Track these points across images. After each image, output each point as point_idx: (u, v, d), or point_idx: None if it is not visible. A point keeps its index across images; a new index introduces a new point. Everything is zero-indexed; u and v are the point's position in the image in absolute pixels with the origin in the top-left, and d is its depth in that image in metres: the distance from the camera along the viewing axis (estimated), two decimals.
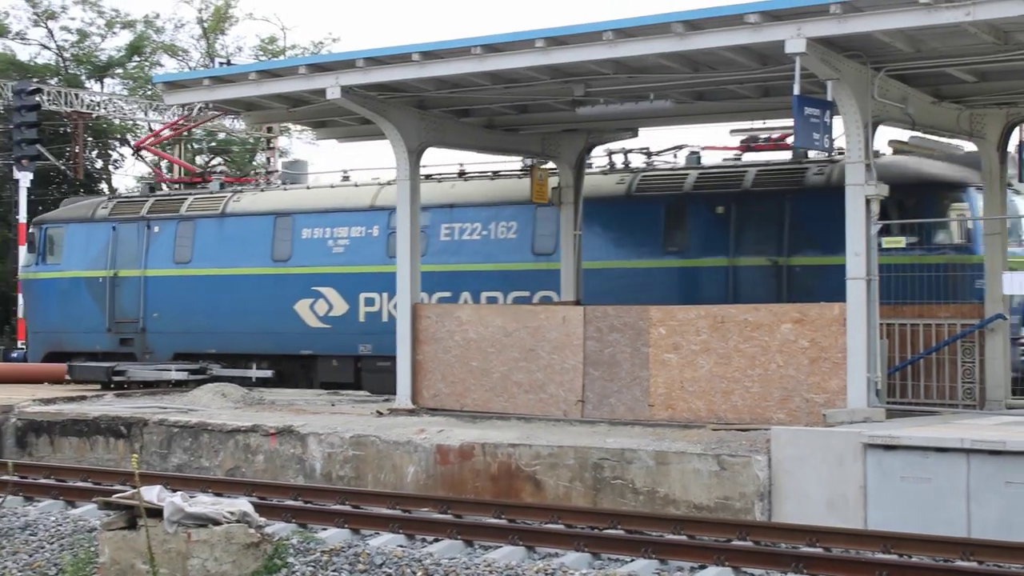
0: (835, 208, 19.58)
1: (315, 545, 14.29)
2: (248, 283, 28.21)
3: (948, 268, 20.92)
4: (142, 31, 60.22)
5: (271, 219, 28.23)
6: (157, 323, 29.28)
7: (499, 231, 25.69)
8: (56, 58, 60.64)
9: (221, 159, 61.18)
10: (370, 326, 26.70)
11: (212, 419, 20.69)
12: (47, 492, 18.04)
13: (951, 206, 22.39)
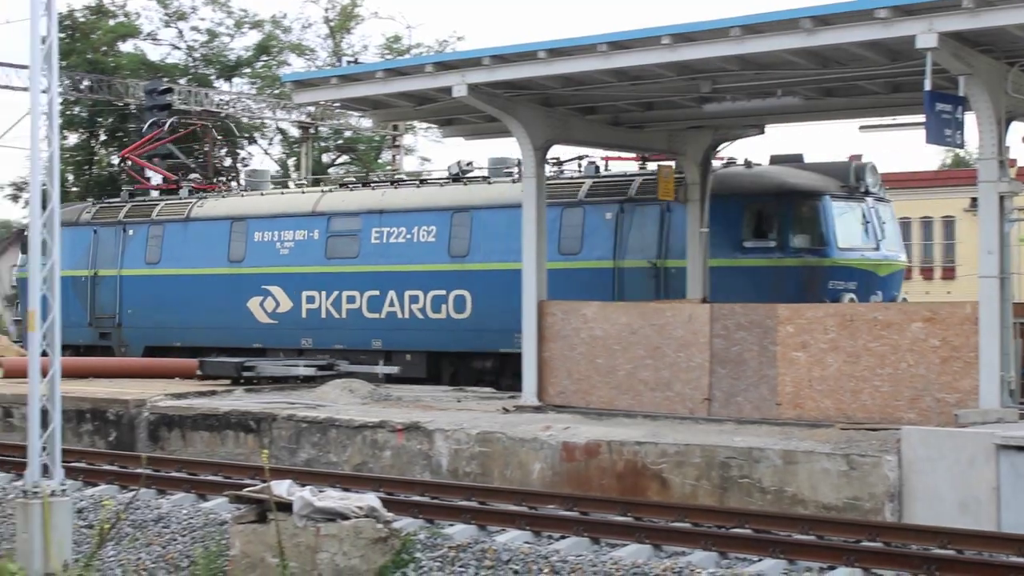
0: (712, 215, 23.63)
1: (442, 541, 14.38)
2: (208, 282, 30.41)
3: (803, 271, 23.36)
4: (270, 31, 60.98)
5: (228, 223, 30.49)
6: (131, 319, 31.72)
7: (421, 235, 27.56)
8: (186, 58, 61.61)
9: (348, 157, 61.77)
10: (311, 322, 28.86)
11: (340, 415, 20.87)
12: (179, 485, 18.34)
13: (807, 212, 23.89)
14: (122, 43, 61.45)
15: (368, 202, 28.78)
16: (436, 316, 27.06)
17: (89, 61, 57.40)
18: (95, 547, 13.38)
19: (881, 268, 24.37)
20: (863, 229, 24.46)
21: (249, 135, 62.07)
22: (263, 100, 55.55)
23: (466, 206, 27.19)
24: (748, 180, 24.77)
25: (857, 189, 24.49)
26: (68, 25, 57.41)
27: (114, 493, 18.15)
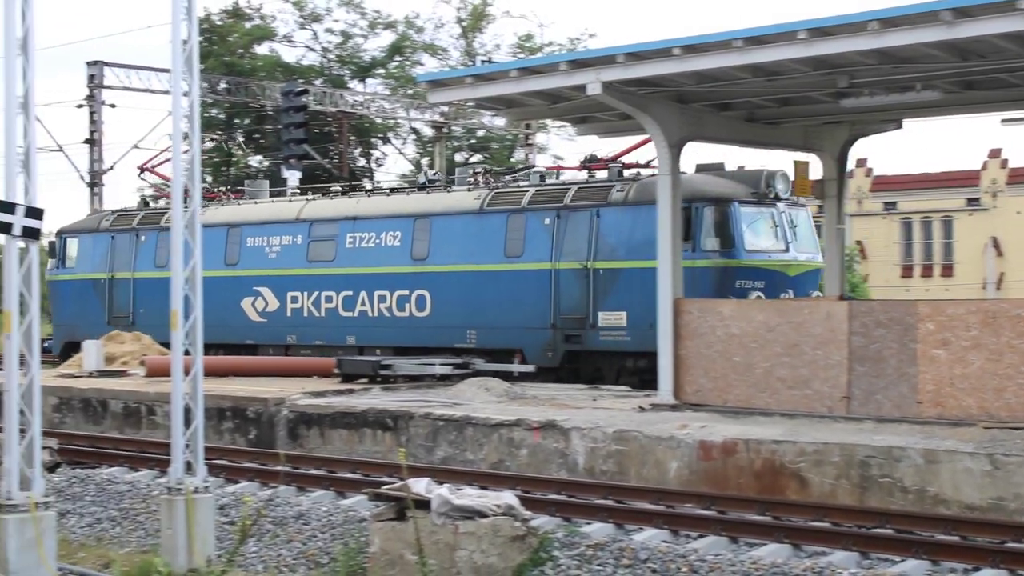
0: (632, 220, 25.96)
1: (580, 539, 14.37)
2: (207, 283, 29.40)
3: (713, 271, 25.59)
4: (403, 31, 61.44)
5: (225, 230, 33.01)
6: (143, 317, 33.92)
7: (387, 240, 30.00)
8: (321, 59, 62.27)
9: (481, 156, 61.99)
10: (295, 320, 31.48)
11: (476, 413, 20.95)
12: (318, 483, 18.56)
13: (717, 217, 25.97)
14: (258, 46, 62.35)
15: (344, 209, 31.33)
16: (401, 314, 29.58)
17: (226, 64, 58.30)
18: (237, 543, 13.55)
19: (791, 268, 26.39)
20: (772, 232, 26.49)
21: (383, 135, 62.54)
22: (397, 100, 55.96)
23: (426, 213, 29.54)
24: None
25: (767, 195, 26.39)
26: (206, 29, 58.33)
27: (255, 490, 18.41)
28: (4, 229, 12.53)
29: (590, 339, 26.57)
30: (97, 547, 16.44)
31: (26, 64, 12.72)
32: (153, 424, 24.61)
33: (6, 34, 12.59)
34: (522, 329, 27.43)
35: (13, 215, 12.54)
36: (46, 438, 13.33)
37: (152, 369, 27.27)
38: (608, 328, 26.18)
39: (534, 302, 27.19)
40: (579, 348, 26.91)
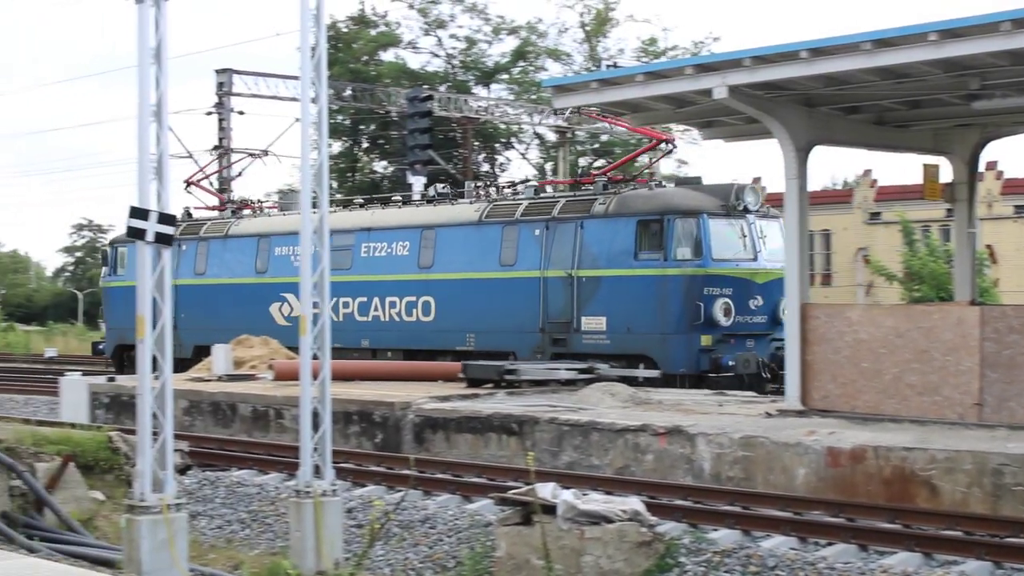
0: (611, 231, 27.97)
1: (706, 545, 14.30)
2: (240, 290, 35.57)
3: (683, 279, 27.18)
4: (526, 36, 61.54)
5: (256, 240, 35.47)
6: (184, 322, 35.33)
7: (398, 249, 32.04)
8: (445, 65, 62.59)
9: (605, 161, 61.90)
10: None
11: (601, 418, 20.90)
12: (444, 487, 18.64)
13: (687, 228, 27.56)
14: (383, 52, 62.85)
15: (360, 221, 33.47)
16: (409, 319, 31.65)
17: (351, 70, 58.84)
18: (366, 546, 13.65)
19: (758, 276, 27.85)
20: (741, 242, 27.95)
21: (506, 140, 62.72)
22: (520, 105, 56.07)
23: (432, 224, 31.52)
24: (641, 201, 28.28)
25: (736, 208, 27.88)
26: (332, 36, 58.85)
27: (382, 493, 18.55)
28: (137, 235, 12.74)
29: (574, 342, 28.33)
30: (227, 549, 16.67)
31: (159, 73, 12.92)
32: (281, 427, 24.87)
33: (140, 44, 12.80)
34: (515, 333, 29.20)
35: (146, 221, 12.75)
36: (177, 441, 13.51)
37: (280, 373, 27.56)
38: (590, 332, 28.08)
39: (525, 308, 29.01)
40: (564, 351, 28.44)
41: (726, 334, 27.20)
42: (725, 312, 27.09)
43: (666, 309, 27.14)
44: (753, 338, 27.56)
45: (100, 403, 28.95)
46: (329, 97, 43.32)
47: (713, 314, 26.93)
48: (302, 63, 14.31)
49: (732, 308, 27.18)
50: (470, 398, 24.13)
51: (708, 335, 26.99)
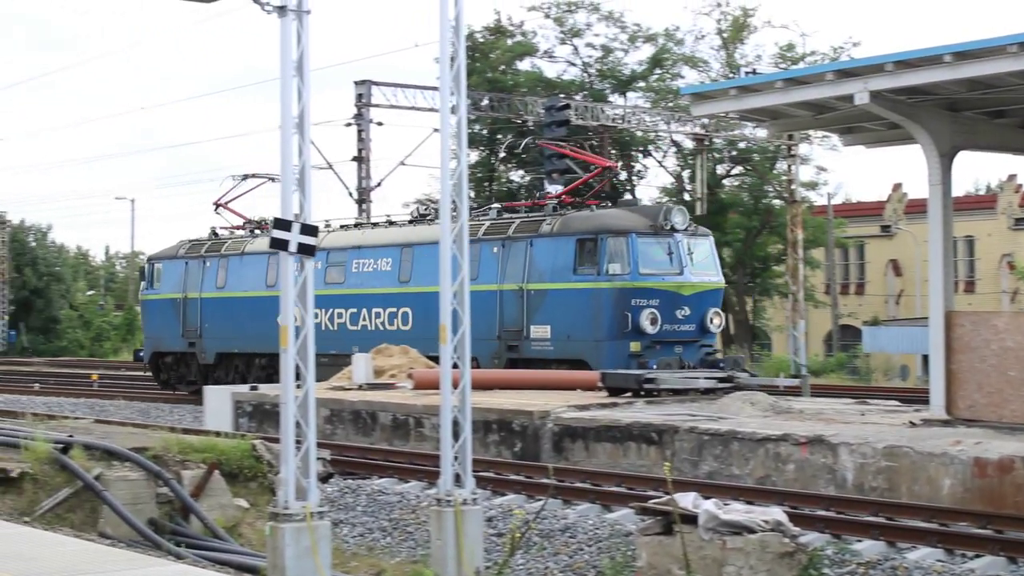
0: (555, 249, 31.17)
1: (850, 557, 14.13)
2: (254, 302, 38.52)
3: (613, 291, 30.04)
4: (663, 44, 61.20)
5: (266, 256, 37.88)
6: (207, 331, 40.25)
7: (381, 265, 35.24)
8: (581, 74, 62.51)
9: (742, 168, 61.47)
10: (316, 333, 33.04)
11: (742, 427, 20.73)
12: (584, 496, 18.61)
13: (617, 246, 30.50)
14: (519, 61, 62.87)
15: (352, 239, 36.80)
16: (391, 328, 34.64)
17: (488, 80, 59.00)
18: (507, 555, 13.68)
19: (684, 288, 30.59)
20: (667, 258, 30.76)
21: (643, 148, 62.50)
22: (657, 113, 55.84)
23: (410, 243, 34.69)
24: (580, 222, 31.45)
25: (664, 227, 30.75)
26: (469, 46, 58.79)
27: (522, 502, 18.56)
28: (280, 246, 12.89)
29: (525, 348, 31.41)
30: (369, 556, 16.79)
31: (301, 85, 13.07)
32: (421, 436, 25.01)
33: (282, 56, 12.96)
34: (477, 340, 29.09)
35: (289, 232, 12.90)
36: (319, 449, 13.63)
37: (420, 382, 27.73)
38: (537, 339, 31.15)
39: (486, 318, 31.06)
40: (517, 356, 31.50)
41: (654, 341, 29.81)
42: (652, 321, 29.71)
43: (599, 318, 30.15)
44: (681, 344, 30.22)
45: (243, 411, 29.37)
46: (467, 107, 43.66)
47: (640, 323, 29.54)
48: (441, 73, 14.40)
49: (659, 317, 29.83)
50: (609, 407, 24.08)
51: (636, 342, 29.58)
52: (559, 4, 61.02)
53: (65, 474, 15.15)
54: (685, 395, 25.87)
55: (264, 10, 12.89)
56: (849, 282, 75.89)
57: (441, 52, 14.39)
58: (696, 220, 57.23)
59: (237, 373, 39.64)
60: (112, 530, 14.57)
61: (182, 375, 42.16)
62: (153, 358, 42.94)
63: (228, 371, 40.15)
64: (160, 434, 17.48)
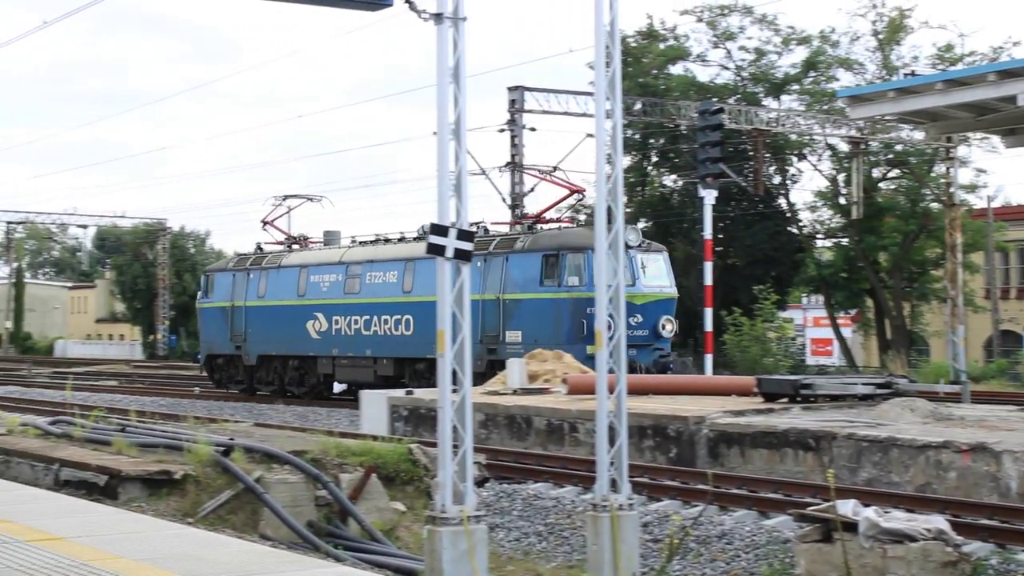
0: (526, 263, 35.57)
1: (1015, 567, 13.86)
2: (287, 310, 43.58)
3: (572, 301, 34.57)
4: (817, 46, 60.51)
5: (298, 269, 43.62)
6: (250, 336, 45.13)
7: (388, 277, 39.76)
8: (734, 77, 62.09)
9: (899, 171, 60.55)
10: (336, 338, 41.53)
11: (901, 434, 20.38)
12: (741, 502, 18.45)
13: (575, 261, 34.87)
14: (672, 66, 62.62)
15: (367, 254, 41.39)
16: (396, 333, 39.22)
17: (640, 85, 58.88)
18: (665, 561, 13.63)
19: (636, 298, 34.24)
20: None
21: (798, 152, 61.88)
22: (811, 116, 55.26)
23: (412, 257, 39.03)
24: (546, 239, 35.91)
25: None
26: (621, 51, 58.87)
27: (677, 508, 18.47)
28: (437, 251, 13.00)
29: (502, 351, 35.37)
30: (524, 561, 16.83)
31: (457, 91, 13.16)
32: (575, 441, 25.01)
33: (439, 63, 13.06)
34: None
35: (446, 237, 12.99)
36: (475, 454, 13.70)
37: (574, 387, 27.73)
38: (511, 343, 35.33)
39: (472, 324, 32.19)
40: (495, 358, 35.37)
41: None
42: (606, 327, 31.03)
43: (560, 325, 34.61)
44: (635, 348, 32.92)
45: (399, 416, 29.63)
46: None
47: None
48: (596, 79, 14.40)
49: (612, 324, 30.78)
50: (765, 413, 23.86)
51: (592, 345, 30.58)
52: (712, 8, 60.70)
53: (226, 476, 15.42)
54: (842, 401, 25.52)
55: (421, 17, 13.00)
56: (1009, 286, 74.30)
57: (596, 57, 14.38)
58: (852, 224, 57.06)
59: (276, 373, 44.87)
60: (272, 532, 14.80)
61: (231, 375, 47.15)
62: (208, 360, 48.11)
63: (268, 371, 45.24)
64: (318, 438, 17.70)
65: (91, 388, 49.80)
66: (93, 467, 15.58)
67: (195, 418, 21.02)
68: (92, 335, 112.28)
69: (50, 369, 70.41)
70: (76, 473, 15.77)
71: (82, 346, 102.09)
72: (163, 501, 14.95)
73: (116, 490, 15.09)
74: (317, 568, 9.18)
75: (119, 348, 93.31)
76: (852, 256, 59.81)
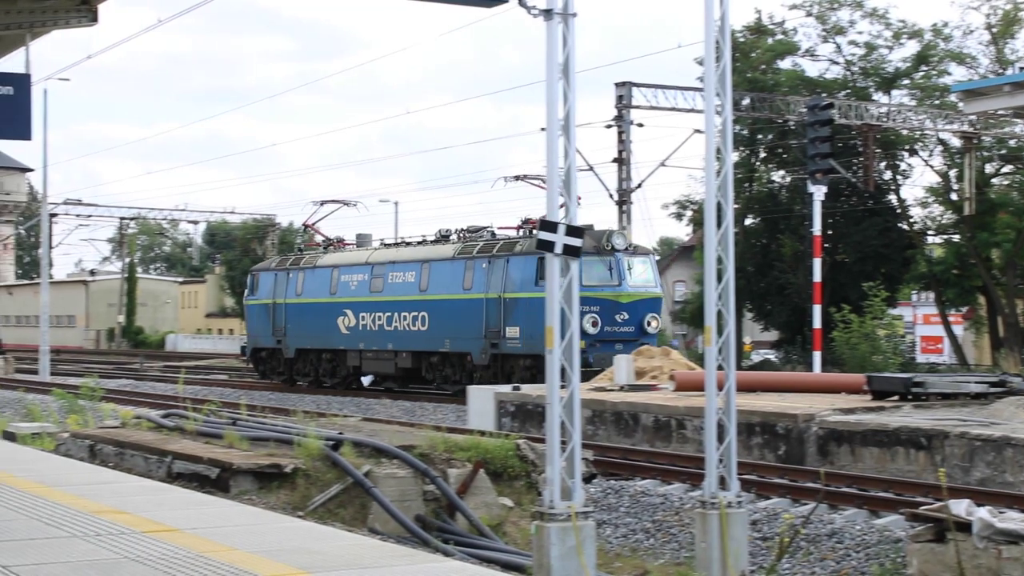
0: (524, 265, 37.69)
1: None
2: (320, 307, 46.51)
3: None
4: (929, 40, 59.72)
5: (330, 270, 46.65)
6: (290, 331, 48.23)
7: (407, 277, 42.55)
8: (844, 72, 61.47)
9: (1012, 167, 59.59)
10: (363, 333, 44.42)
11: (1016, 433, 20.05)
12: (851, 501, 18.27)
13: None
14: (780, 61, 62.11)
15: (389, 256, 44.44)
16: (414, 328, 41.99)
17: (748, 80, 58.46)
18: (775, 559, 13.54)
19: (622, 297, 37.24)
20: (608, 273, 37.47)
21: (908, 147, 61.14)
22: (923, 111, 54.58)
23: (428, 259, 42.06)
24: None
25: (606, 248, 37.49)
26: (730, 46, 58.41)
27: (786, 506, 18.33)
28: (547, 247, 13.00)
29: (503, 346, 38.17)
30: (632, 557, 16.80)
31: (567, 88, 13.16)
32: (683, 438, 24.90)
33: (548, 59, 13.06)
34: (471, 339, 39.24)
35: (555, 234, 12.99)
36: (583, 450, 13.68)
37: (682, 384, 27.63)
38: (511, 338, 37.83)
39: (477, 320, 38.92)
40: (497, 352, 38.35)
41: (596, 340, 36.37)
42: (593, 324, 36.31)
43: None
44: (622, 343, 36.35)
45: (506, 411, 29.70)
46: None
47: (583, 325, 34.75)
48: (706, 74, 14.33)
49: (599, 321, 36.62)
50: (875, 411, 23.60)
51: (581, 340, 32.79)
52: (821, 1, 60.08)
53: (335, 471, 15.55)
54: (954, 400, 25.16)
55: (530, 14, 13.01)
56: None
57: (706, 53, 14.32)
58: (963, 220, 56.19)
59: (311, 366, 47.77)
60: (381, 526, 14.89)
61: (273, 367, 50.21)
62: (253, 353, 51.37)
63: (305, 364, 48.20)
64: (425, 432, 17.78)
65: (202, 382, 50.56)
66: (205, 460, 15.79)
67: (304, 412, 21.22)
68: (202, 329, 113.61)
69: (161, 363, 71.41)
70: (188, 466, 15.99)
71: (192, 340, 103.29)
72: (273, 494, 15.10)
73: (227, 483, 15.28)
74: (429, 563, 9.22)
75: (229, 343, 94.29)
76: (964, 253, 58.92)
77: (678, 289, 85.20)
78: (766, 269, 61.10)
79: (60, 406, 29.18)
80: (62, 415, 26.95)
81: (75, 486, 12.87)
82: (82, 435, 19.63)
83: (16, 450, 17.69)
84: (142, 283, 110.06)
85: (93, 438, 18.97)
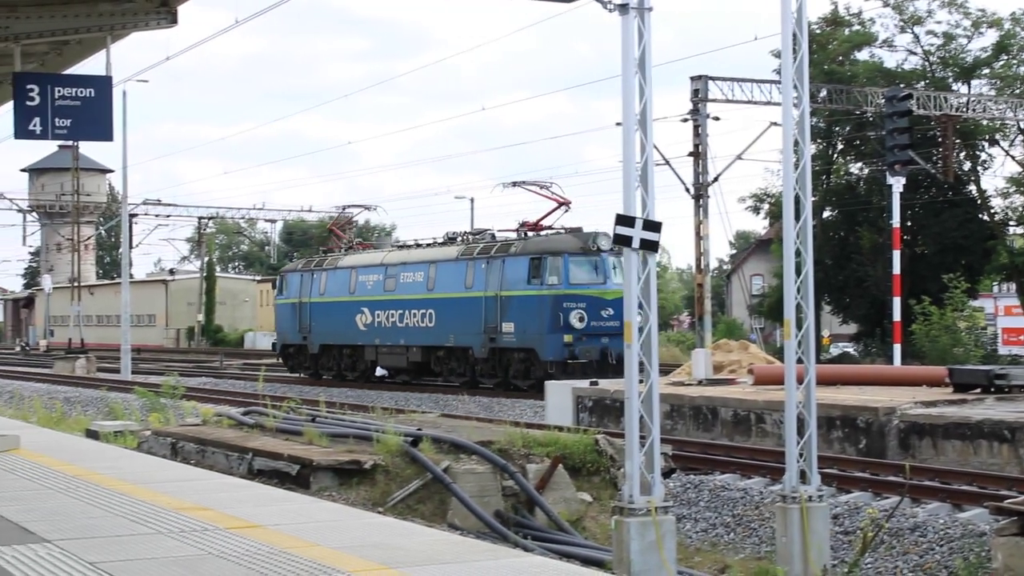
0: (518, 265, 40.35)
1: None
2: (341, 306, 49.37)
3: (551, 297, 39.19)
4: (1008, 29, 59.01)
5: (349, 270, 49.61)
6: (314, 328, 51.30)
7: (417, 277, 45.24)
8: (922, 62, 60.86)
9: None
10: (378, 329, 47.13)
11: None
12: (934, 495, 18.10)
13: (554, 263, 39.67)
14: (857, 52, 61.58)
15: (401, 257, 47.36)
16: (422, 325, 44.65)
17: (825, 72, 57.99)
18: (858, 554, 13.45)
19: (607, 294, 38.93)
20: (594, 272, 39.94)
21: (988, 137, 60.44)
22: (1003, 101, 53.95)
23: (434, 260, 44.68)
24: (533, 244, 40.90)
25: (592, 248, 39.92)
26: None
27: (868, 500, 18.18)
28: (624, 242, 12.97)
29: (500, 340, 40.81)
30: (712, 552, 16.76)
31: (643, 82, 13.13)
32: (762, 432, 24.77)
33: (624, 54, 13.05)
34: (473, 334, 41.67)
35: (632, 228, 12.96)
36: (661, 444, 13.65)
37: (761, 377, 27.50)
38: (506, 333, 40.43)
39: (477, 317, 41.45)
40: (495, 346, 41.04)
41: (582, 334, 38.67)
42: (579, 319, 38.88)
43: (542, 317, 39.25)
44: (607, 337, 37.80)
45: (584, 406, 29.68)
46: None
47: (570, 321, 38.72)
48: (783, 67, 14.26)
49: (585, 316, 38.93)
50: (957, 404, 23.38)
51: (568, 335, 38.64)
52: None
53: (415, 466, 15.61)
54: None
55: (606, 9, 13.00)
56: None
57: (783, 45, 14.25)
58: None
59: (334, 360, 50.52)
60: (460, 521, 14.94)
61: (300, 362, 53.04)
62: (282, 349, 54.53)
63: (328, 359, 50.92)
64: (503, 428, 17.80)
65: (281, 379, 50.92)
66: (285, 457, 15.91)
67: (383, 409, 21.31)
68: None
69: (240, 361, 71.93)
70: (269, 462, 16.11)
71: (271, 338, 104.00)
72: (353, 490, 15.18)
73: (308, 479, 15.38)
74: (510, 558, 9.22)
75: None
76: None
77: (755, 283, 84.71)
78: (844, 262, 60.57)
79: (142, 404, 29.45)
80: (144, 413, 27.20)
81: (158, 483, 12.99)
82: (164, 433, 19.84)
83: (99, 448, 17.87)
84: (221, 282, 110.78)
85: (175, 436, 19.17)
